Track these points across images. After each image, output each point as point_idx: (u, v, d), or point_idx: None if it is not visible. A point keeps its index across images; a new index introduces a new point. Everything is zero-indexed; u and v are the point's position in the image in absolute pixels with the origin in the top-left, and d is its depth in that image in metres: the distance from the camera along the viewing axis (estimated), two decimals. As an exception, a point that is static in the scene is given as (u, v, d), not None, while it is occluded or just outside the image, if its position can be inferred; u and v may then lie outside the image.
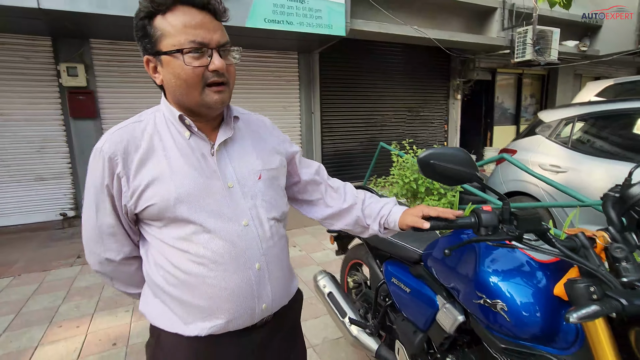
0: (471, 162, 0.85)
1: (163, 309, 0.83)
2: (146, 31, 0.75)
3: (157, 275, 0.81)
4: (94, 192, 0.79)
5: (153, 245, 0.82)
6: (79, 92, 4.44)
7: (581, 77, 8.62)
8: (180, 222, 0.77)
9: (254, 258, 0.81)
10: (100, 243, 0.84)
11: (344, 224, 1.03)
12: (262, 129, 0.95)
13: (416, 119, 7.04)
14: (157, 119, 0.81)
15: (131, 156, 0.76)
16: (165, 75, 0.76)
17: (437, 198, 2.81)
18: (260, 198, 0.84)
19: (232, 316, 0.81)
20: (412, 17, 5.76)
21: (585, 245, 0.86)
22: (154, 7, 0.73)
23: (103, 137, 0.78)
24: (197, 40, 0.72)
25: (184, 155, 0.79)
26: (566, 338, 0.90)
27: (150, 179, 0.76)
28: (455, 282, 1.14)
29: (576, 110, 3.26)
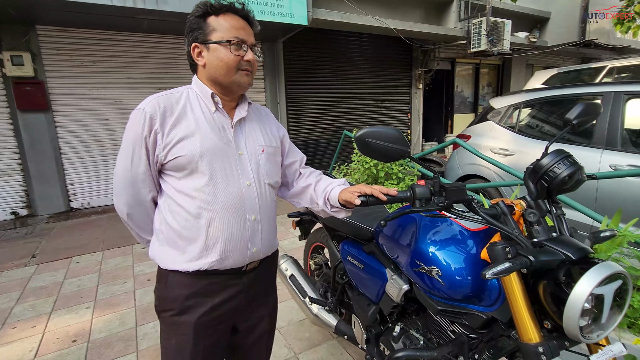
0: (403, 140, 0.93)
1: (173, 252, 1.00)
2: (200, 26, 0.98)
3: (171, 219, 0.99)
4: (133, 144, 0.96)
5: (170, 194, 0.99)
6: (26, 82, 4.16)
7: (532, 66, 9.15)
8: (199, 173, 0.96)
9: (251, 210, 1.02)
10: (132, 187, 1.00)
11: (305, 202, 1.21)
12: (265, 116, 1.18)
13: (381, 108, 7.20)
14: (190, 94, 1.02)
15: (167, 118, 0.96)
16: (210, 59, 0.98)
17: (396, 182, 2.94)
18: (261, 167, 1.06)
19: (228, 253, 1.00)
20: (374, 7, 5.85)
21: (504, 212, 0.96)
22: (211, 9, 0.97)
23: (145, 101, 0.97)
24: (240, 37, 0.97)
25: (209, 124, 1.00)
26: (490, 296, 1.01)
27: (182, 136, 0.95)
28: (399, 254, 1.23)
29: (522, 97, 3.49)
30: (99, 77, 4.62)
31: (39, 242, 3.79)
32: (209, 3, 0.98)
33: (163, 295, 1.03)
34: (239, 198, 1.00)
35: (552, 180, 0.93)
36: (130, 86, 4.79)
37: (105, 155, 4.81)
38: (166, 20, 4.14)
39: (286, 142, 1.22)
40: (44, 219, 4.44)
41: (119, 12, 3.84)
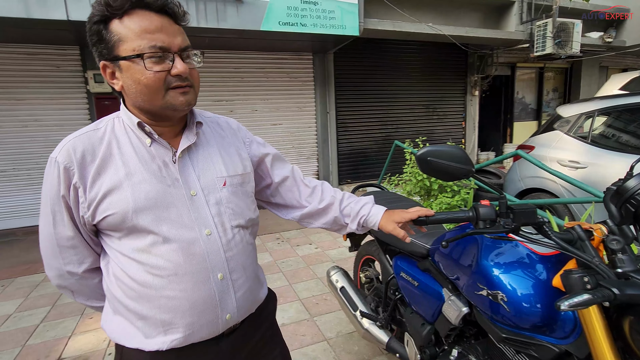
0: (467, 159, 0.89)
1: (124, 325, 0.80)
2: (101, 36, 0.72)
3: (116, 288, 0.78)
4: (51, 204, 0.76)
5: (112, 257, 0.79)
6: (105, 97, 4.68)
7: (607, 69, 8.30)
8: (139, 232, 0.74)
9: (216, 268, 0.79)
10: (59, 256, 0.80)
11: (322, 223, 1.03)
12: (229, 133, 0.92)
13: (432, 117, 6.99)
14: (115, 126, 0.79)
15: (88, 165, 0.74)
16: (125, 81, 0.73)
17: (450, 195, 2.82)
18: (224, 205, 0.82)
19: (193, 329, 0.78)
20: (427, 14, 5.73)
21: (581, 238, 0.88)
22: (110, 11, 0.69)
23: (58, 146, 0.75)
24: (158, 44, 0.70)
25: (144, 164, 0.76)
26: (564, 328, 0.92)
27: (108, 188, 0.73)
28: (459, 275, 1.17)
29: (597, 104, 3.18)
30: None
31: (111, 241, 4.19)
32: (107, 1, 0.69)
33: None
34: (197, 255, 0.77)
35: (641, 205, 0.83)
36: (192, 99, 5.16)
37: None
38: (225, 37, 4.41)
39: (266, 158, 0.97)
40: (115, 220, 4.92)
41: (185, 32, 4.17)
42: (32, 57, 4.42)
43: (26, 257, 3.79)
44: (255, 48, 5.14)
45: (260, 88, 5.49)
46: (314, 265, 3.24)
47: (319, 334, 2.22)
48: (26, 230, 4.55)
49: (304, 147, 6.00)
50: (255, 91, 5.45)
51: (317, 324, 2.33)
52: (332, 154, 6.12)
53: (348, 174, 6.39)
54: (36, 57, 4.43)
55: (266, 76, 5.50)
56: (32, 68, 4.44)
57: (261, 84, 5.49)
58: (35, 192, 4.62)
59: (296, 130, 5.88)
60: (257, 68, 5.41)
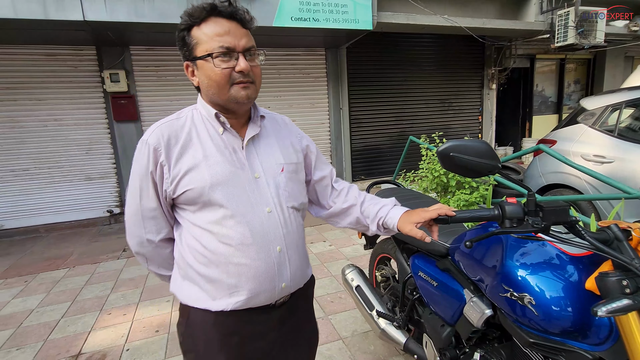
0: (492, 153, 0.84)
1: (192, 288, 0.92)
2: (185, 41, 0.86)
3: (189, 256, 0.91)
4: (139, 179, 0.89)
5: (186, 228, 0.91)
6: (121, 96, 4.74)
7: (633, 59, 7.95)
8: (212, 206, 0.86)
9: (275, 241, 0.91)
10: (142, 225, 0.93)
11: (347, 223, 1.10)
12: (284, 127, 1.05)
13: (448, 111, 6.83)
14: (194, 116, 0.92)
15: (172, 147, 0.87)
16: (200, 77, 0.87)
17: (468, 192, 2.74)
18: (282, 188, 0.94)
19: (254, 293, 0.89)
20: (442, 5, 5.58)
21: (618, 238, 0.82)
22: (191, 20, 0.84)
23: (148, 131, 0.89)
24: (225, 45, 0.82)
25: (218, 148, 0.89)
26: (599, 334, 0.86)
27: (188, 167, 0.86)
28: (482, 275, 1.12)
29: (624, 95, 3.03)
30: (179, 90, 5.08)
31: (128, 238, 4.26)
32: (189, 12, 0.84)
33: (186, 333, 0.95)
34: (260, 229, 0.89)
35: (687, 201, 0.77)
36: (205, 96, 5.19)
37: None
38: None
39: (312, 154, 1.09)
40: (132, 217, 5.00)
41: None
42: (50, 57, 4.51)
43: (48, 253, 3.89)
44: (267, 44, 5.11)
45: (272, 85, 5.47)
46: (328, 263, 3.21)
47: (334, 333, 2.20)
48: (48, 227, 4.67)
49: (317, 144, 5.90)
50: (268, 88, 5.43)
51: (332, 323, 2.30)
52: (345, 150, 6.07)
53: (362, 170, 6.32)
54: (54, 57, 4.53)
55: (278, 73, 5.47)
56: (51, 69, 4.53)
57: (274, 80, 5.47)
58: (56, 190, 4.74)
59: (309, 126, 5.84)
60: (270, 65, 5.38)
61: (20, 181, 4.61)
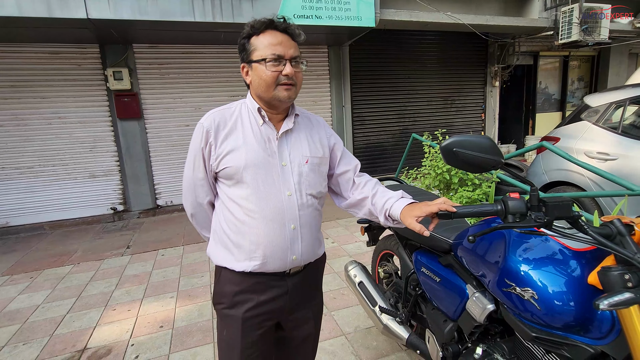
0: (496, 149, 0.85)
1: (223, 252, 1.11)
2: (245, 47, 1.05)
3: (224, 222, 1.10)
4: (194, 154, 1.08)
5: (222, 199, 1.10)
6: (124, 94, 4.76)
7: (637, 56, 7.89)
8: (243, 183, 1.04)
9: (291, 220, 1.07)
10: (194, 191, 1.13)
11: (363, 213, 1.21)
12: (315, 125, 1.20)
13: (451, 109, 6.81)
14: (242, 108, 1.10)
15: (220, 131, 1.05)
16: (253, 77, 1.05)
17: (471, 189, 2.74)
18: (304, 177, 1.10)
19: (268, 259, 1.06)
20: (445, 2, 5.55)
21: (621, 232, 0.83)
22: (253, 31, 1.02)
23: (205, 116, 1.07)
24: (277, 53, 1.00)
25: (256, 137, 1.07)
26: (601, 328, 0.87)
27: (230, 149, 1.04)
28: (485, 271, 1.13)
29: (628, 92, 3.02)
30: (182, 87, 5.09)
31: (132, 235, 4.29)
32: (252, 24, 1.03)
33: (217, 289, 1.13)
34: (279, 208, 1.05)
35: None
36: (207, 95, 5.20)
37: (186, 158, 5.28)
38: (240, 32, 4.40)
39: (338, 150, 1.22)
40: (136, 214, 5.03)
41: (200, 27, 4.19)
42: (54, 55, 4.53)
43: (53, 249, 3.92)
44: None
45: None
46: (331, 259, 3.22)
47: (336, 329, 2.21)
48: (53, 224, 4.71)
49: (320, 142, 5.97)
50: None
51: (335, 319, 2.32)
52: (348, 147, 6.06)
53: (364, 167, 6.30)
54: (58, 55, 4.55)
55: (281, 70, 5.47)
56: (55, 67, 4.55)
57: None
58: (61, 188, 4.77)
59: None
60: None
61: (25, 179, 4.64)
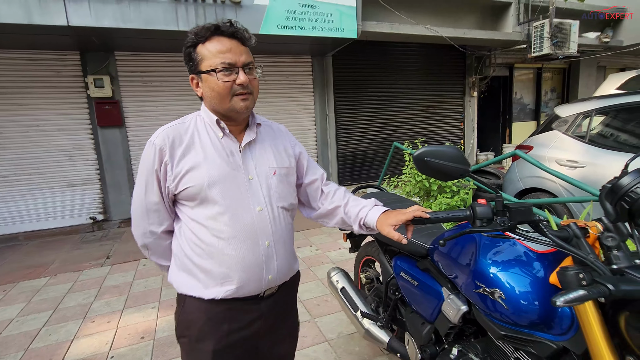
0: (463, 158, 0.91)
1: (188, 278, 1.01)
2: (191, 56, 0.97)
3: (186, 247, 1.00)
4: (146, 175, 0.99)
5: (185, 222, 1.01)
6: (105, 102, 4.70)
7: (605, 69, 8.33)
8: (209, 202, 0.96)
9: (264, 236, 1.00)
10: (146, 217, 1.03)
11: (334, 223, 1.18)
12: (278, 135, 1.15)
13: (432, 118, 7.00)
14: (197, 122, 1.02)
15: (176, 149, 0.97)
16: (204, 89, 0.98)
17: (449, 196, 2.83)
18: (273, 190, 1.04)
19: (243, 282, 0.98)
20: (424, 16, 5.76)
21: (577, 235, 0.89)
22: (197, 39, 0.95)
23: (156, 133, 0.99)
24: (227, 61, 0.93)
25: (217, 151, 0.99)
26: (562, 324, 0.93)
27: (190, 166, 0.96)
28: (458, 273, 1.19)
29: (594, 103, 3.20)
30: (165, 95, 5.06)
31: (112, 245, 4.20)
32: (195, 31, 0.95)
33: (181, 319, 1.04)
34: (251, 225, 0.98)
35: (634, 202, 0.84)
36: (190, 103, 5.18)
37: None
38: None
39: (304, 159, 1.17)
40: (116, 224, 4.92)
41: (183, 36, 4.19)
42: (33, 62, 4.44)
43: (29, 261, 3.80)
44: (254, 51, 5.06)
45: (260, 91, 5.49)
46: (314, 267, 3.25)
47: (320, 335, 2.23)
48: (28, 235, 4.56)
49: (304, 150, 6.02)
50: (255, 94, 5.47)
51: (318, 325, 2.34)
52: (331, 156, 6.14)
53: (348, 175, 6.40)
54: (37, 62, 4.46)
55: (265, 79, 5.52)
56: (34, 73, 4.46)
57: (261, 87, 5.41)
58: (38, 197, 4.64)
59: (295, 132, 5.90)
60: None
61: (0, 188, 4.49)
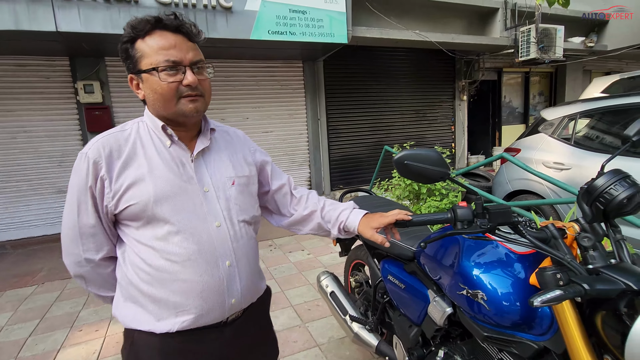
0: (443, 162, 0.92)
1: (136, 310, 0.87)
2: (128, 53, 0.84)
3: (132, 274, 0.86)
4: (77, 194, 0.85)
5: (129, 245, 0.87)
6: (95, 107, 4.66)
7: (590, 73, 8.50)
8: (157, 221, 0.83)
9: (225, 256, 0.88)
10: (80, 243, 0.88)
11: (309, 229, 1.11)
12: (237, 141, 1.03)
13: (422, 122, 7.07)
14: (140, 129, 0.89)
15: (115, 161, 0.84)
16: (146, 91, 0.85)
17: (439, 199, 2.86)
18: (232, 202, 0.93)
19: (203, 311, 0.86)
20: (414, 21, 5.83)
21: (555, 236, 0.91)
22: (135, 33, 0.82)
23: (89, 143, 0.85)
24: (171, 59, 0.81)
25: (165, 162, 0.86)
26: (542, 325, 0.95)
27: (132, 181, 0.83)
28: (442, 276, 1.20)
29: (579, 107, 3.26)
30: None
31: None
32: (132, 24, 0.82)
33: (131, 357, 0.90)
34: (208, 244, 0.86)
35: (609, 202, 0.87)
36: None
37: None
38: (216, 46, 4.45)
39: (267, 165, 1.08)
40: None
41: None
42: (21, 68, 4.40)
43: (16, 270, 3.73)
44: (245, 57, 5.18)
45: (251, 96, 5.52)
46: (306, 271, 3.24)
47: (310, 340, 2.23)
48: (14, 243, 4.48)
49: (296, 154, 6.03)
50: (247, 99, 5.48)
51: (309, 330, 2.33)
52: (323, 160, 6.15)
53: (340, 179, 6.42)
54: (25, 68, 4.42)
55: (257, 84, 5.54)
56: (21, 79, 4.42)
57: (252, 92, 5.52)
58: (25, 204, 4.57)
59: (288, 137, 5.91)
60: (248, 76, 5.44)
61: (-14, 195, 4.42)
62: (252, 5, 4.17)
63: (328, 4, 4.53)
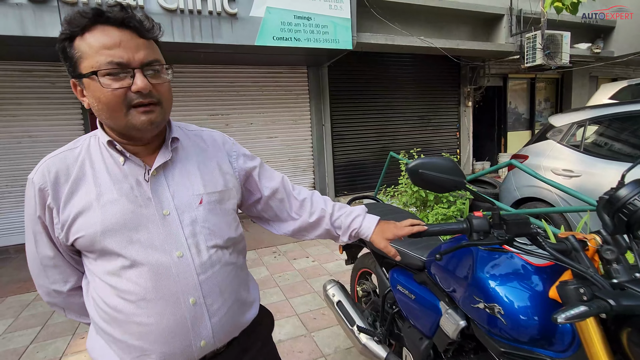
0: (458, 170, 0.89)
1: (104, 346, 0.78)
2: (67, 54, 0.70)
3: (93, 310, 0.77)
4: (31, 224, 0.76)
5: (90, 278, 0.78)
6: (100, 113, 4.68)
7: (597, 79, 8.45)
8: (109, 255, 0.72)
9: (187, 292, 0.74)
10: (45, 275, 0.80)
11: (315, 235, 1.02)
12: (212, 147, 0.88)
13: (427, 128, 7.04)
14: (91, 145, 0.76)
15: (62, 186, 0.72)
16: (89, 99, 0.71)
17: (446, 206, 2.82)
18: (200, 225, 0.78)
19: (165, 356, 0.74)
20: (418, 27, 5.84)
21: (575, 248, 0.88)
22: (71, 29, 0.68)
23: (36, 167, 0.75)
24: (115, 60, 0.67)
25: (116, 183, 0.73)
26: (563, 341, 0.91)
27: (78, 210, 0.71)
28: (455, 287, 1.16)
29: (588, 113, 3.22)
30: (161, 106, 5.05)
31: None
32: (68, 19, 0.67)
33: None
34: (166, 278, 0.73)
35: (633, 214, 0.83)
36: (186, 114, 5.16)
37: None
38: (220, 52, 4.46)
39: (253, 170, 0.93)
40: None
41: (179, 48, 4.21)
42: (27, 73, 4.43)
43: (18, 275, 3.72)
44: (250, 62, 5.19)
45: (255, 102, 5.52)
46: (311, 279, 3.20)
47: (316, 350, 2.18)
48: (18, 248, 4.47)
49: (300, 160, 6.02)
50: (251, 105, 5.49)
51: (315, 340, 2.29)
52: (328, 166, 6.13)
53: (344, 185, 6.39)
54: (31, 73, 4.45)
55: (261, 90, 5.54)
56: (27, 85, 4.45)
57: (257, 97, 5.52)
58: (29, 209, 4.57)
59: (292, 143, 5.90)
60: (253, 82, 5.45)
61: (-9, 200, 4.43)
62: (257, 12, 4.18)
63: (333, 10, 4.53)
